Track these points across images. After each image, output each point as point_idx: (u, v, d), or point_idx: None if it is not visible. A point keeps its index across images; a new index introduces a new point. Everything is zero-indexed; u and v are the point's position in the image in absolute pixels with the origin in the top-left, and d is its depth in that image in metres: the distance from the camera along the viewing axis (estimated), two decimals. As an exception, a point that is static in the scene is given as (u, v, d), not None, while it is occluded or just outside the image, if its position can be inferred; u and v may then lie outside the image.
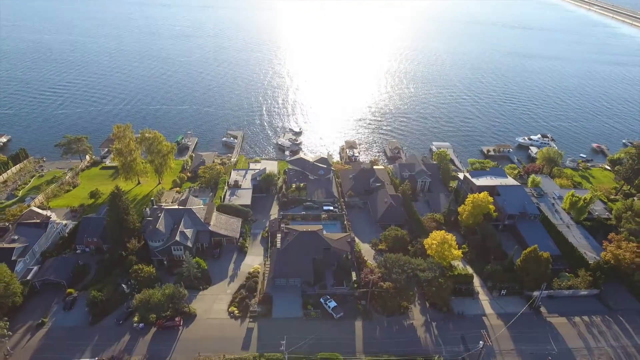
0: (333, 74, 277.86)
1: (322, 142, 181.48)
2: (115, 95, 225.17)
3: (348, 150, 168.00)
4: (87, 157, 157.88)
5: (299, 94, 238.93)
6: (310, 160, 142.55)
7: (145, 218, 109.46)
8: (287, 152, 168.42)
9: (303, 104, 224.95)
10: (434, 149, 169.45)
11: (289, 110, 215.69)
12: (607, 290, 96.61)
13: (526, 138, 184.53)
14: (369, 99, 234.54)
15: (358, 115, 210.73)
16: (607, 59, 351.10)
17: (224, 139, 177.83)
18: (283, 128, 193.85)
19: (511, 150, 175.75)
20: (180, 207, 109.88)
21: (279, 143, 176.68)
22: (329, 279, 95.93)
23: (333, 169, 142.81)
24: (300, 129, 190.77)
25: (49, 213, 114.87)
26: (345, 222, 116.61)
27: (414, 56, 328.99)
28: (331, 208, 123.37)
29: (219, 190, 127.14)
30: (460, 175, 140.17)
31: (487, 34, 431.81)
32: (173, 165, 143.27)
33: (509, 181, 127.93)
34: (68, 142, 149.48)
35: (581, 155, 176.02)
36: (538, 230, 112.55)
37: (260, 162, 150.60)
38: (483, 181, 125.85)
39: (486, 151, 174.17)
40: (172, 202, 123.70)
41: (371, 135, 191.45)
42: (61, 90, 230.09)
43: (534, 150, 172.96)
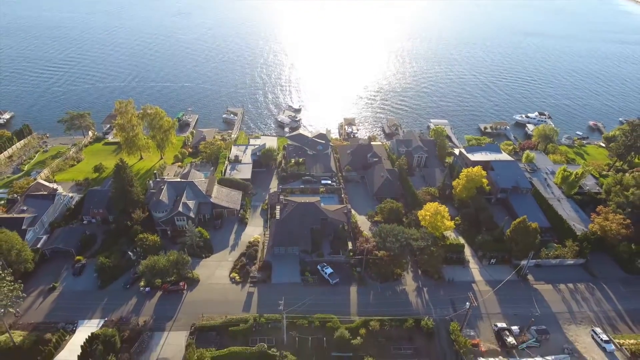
0: (334, 52, 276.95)
1: (321, 119, 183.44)
2: (115, 73, 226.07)
3: (347, 127, 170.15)
4: (90, 133, 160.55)
5: (299, 72, 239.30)
6: (309, 136, 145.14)
7: (148, 190, 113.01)
8: (287, 129, 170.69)
9: (303, 81, 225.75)
10: (432, 126, 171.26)
11: (288, 88, 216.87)
12: (593, 259, 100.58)
13: (523, 116, 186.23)
14: (369, 76, 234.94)
15: (357, 93, 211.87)
16: (613, 37, 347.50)
17: (224, 115, 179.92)
18: (283, 105, 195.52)
19: (508, 127, 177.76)
20: (182, 180, 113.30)
21: (279, 120, 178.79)
22: (326, 248, 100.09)
23: (331, 144, 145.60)
24: (300, 106, 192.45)
25: (55, 186, 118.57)
26: (342, 196, 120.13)
27: (417, 34, 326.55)
28: (329, 182, 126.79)
29: (219, 165, 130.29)
30: (456, 152, 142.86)
31: (493, 12, 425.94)
32: (174, 141, 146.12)
33: (503, 156, 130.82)
34: (71, 118, 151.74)
35: (577, 132, 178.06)
36: (529, 203, 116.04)
37: (260, 138, 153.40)
38: (478, 156, 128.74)
39: (483, 128, 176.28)
40: (175, 176, 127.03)
41: (370, 113, 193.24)
42: (62, 67, 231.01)
43: (531, 127, 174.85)
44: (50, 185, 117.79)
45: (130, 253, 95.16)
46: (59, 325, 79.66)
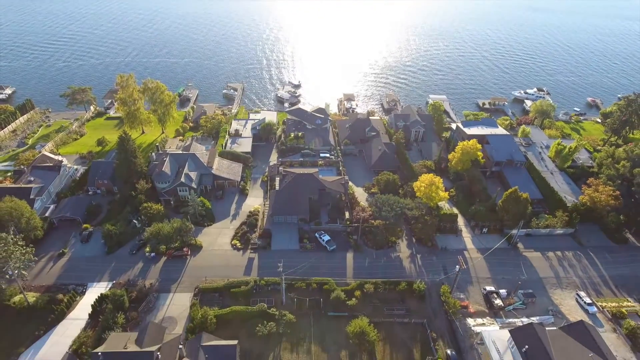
0: (335, 29, 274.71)
1: (321, 95, 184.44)
2: (114, 48, 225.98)
3: (346, 102, 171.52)
4: (92, 108, 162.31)
5: (300, 48, 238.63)
6: (308, 110, 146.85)
7: (151, 162, 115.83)
8: (287, 104, 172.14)
9: (303, 58, 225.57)
10: (431, 101, 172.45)
11: (288, 64, 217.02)
12: (582, 230, 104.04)
13: (522, 92, 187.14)
14: (370, 53, 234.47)
15: (358, 69, 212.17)
16: (618, 13, 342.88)
17: (225, 91, 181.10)
18: (282, 81, 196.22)
19: (506, 103, 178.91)
20: (184, 152, 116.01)
21: (279, 95, 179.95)
22: (324, 217, 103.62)
23: (330, 119, 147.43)
24: (300, 82, 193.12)
25: (60, 157, 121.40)
26: (340, 169, 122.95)
27: (419, 10, 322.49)
28: (328, 155, 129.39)
29: (220, 139, 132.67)
30: (454, 126, 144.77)
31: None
32: (176, 116, 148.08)
33: (499, 131, 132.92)
34: (72, 93, 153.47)
35: (575, 109, 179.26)
36: (523, 175, 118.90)
37: (260, 113, 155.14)
38: (474, 130, 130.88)
39: (481, 104, 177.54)
40: (176, 149, 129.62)
41: (369, 89, 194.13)
42: (61, 42, 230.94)
43: (529, 103, 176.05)
44: (56, 157, 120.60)
45: (135, 221, 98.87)
46: (69, 287, 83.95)
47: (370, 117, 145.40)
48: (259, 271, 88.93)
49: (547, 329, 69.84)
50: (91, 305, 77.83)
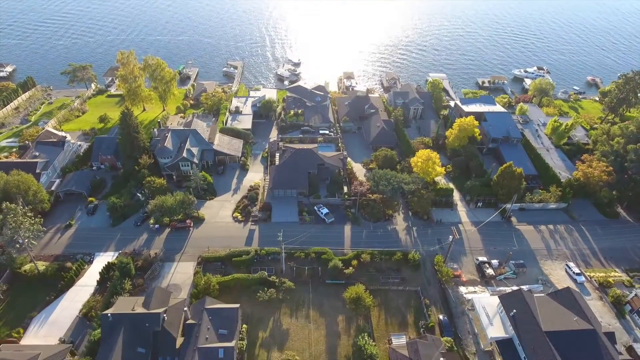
0: (335, 6, 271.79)
1: (321, 73, 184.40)
2: (114, 26, 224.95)
3: (346, 80, 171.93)
4: (93, 86, 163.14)
5: (300, 26, 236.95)
6: (308, 88, 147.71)
7: (153, 138, 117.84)
8: (287, 82, 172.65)
9: (303, 36, 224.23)
10: (430, 80, 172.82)
11: (289, 42, 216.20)
12: (575, 205, 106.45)
13: (522, 70, 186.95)
14: (371, 31, 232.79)
15: (358, 48, 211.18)
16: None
17: (225, 69, 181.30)
18: (283, 59, 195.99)
19: (506, 82, 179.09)
20: (185, 128, 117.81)
21: (279, 73, 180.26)
22: (323, 192, 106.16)
23: (330, 96, 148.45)
24: (300, 60, 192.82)
25: (64, 133, 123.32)
26: (339, 145, 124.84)
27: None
28: (327, 132, 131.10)
29: (220, 116, 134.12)
30: (452, 104, 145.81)
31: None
32: (176, 93, 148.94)
33: (497, 108, 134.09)
34: (73, 70, 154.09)
35: (575, 87, 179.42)
36: (519, 152, 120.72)
37: (260, 90, 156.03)
38: (472, 108, 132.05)
39: (481, 82, 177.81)
40: (177, 126, 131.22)
41: (369, 67, 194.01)
42: (61, 19, 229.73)
43: (528, 82, 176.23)
44: (59, 133, 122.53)
45: (139, 194, 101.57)
46: (77, 256, 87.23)
47: (369, 95, 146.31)
48: (260, 242, 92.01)
49: (535, 295, 73.19)
50: (99, 273, 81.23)
